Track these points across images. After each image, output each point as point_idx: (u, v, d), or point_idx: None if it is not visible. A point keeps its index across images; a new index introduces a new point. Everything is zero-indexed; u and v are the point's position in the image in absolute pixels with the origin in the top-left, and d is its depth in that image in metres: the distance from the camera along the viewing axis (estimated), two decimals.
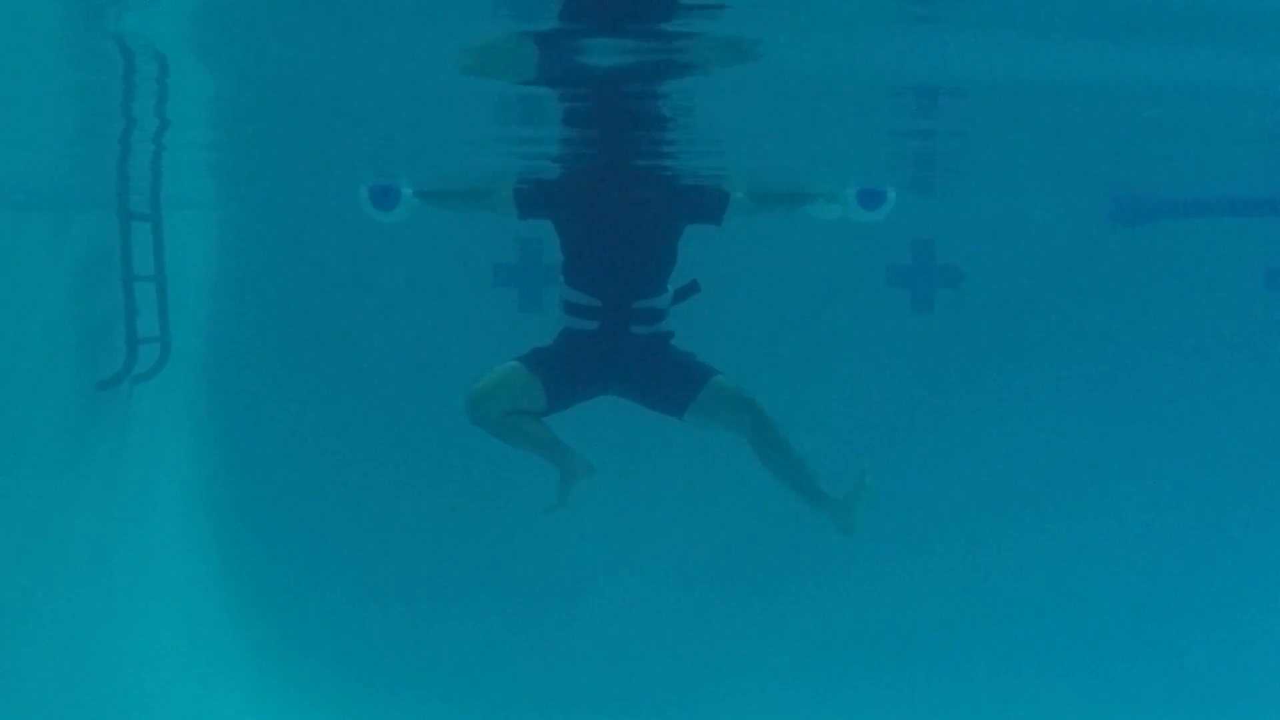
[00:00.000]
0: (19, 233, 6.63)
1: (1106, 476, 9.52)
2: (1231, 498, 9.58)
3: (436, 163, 7.18)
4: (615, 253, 6.59)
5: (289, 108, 5.60)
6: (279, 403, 9.21)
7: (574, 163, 6.78)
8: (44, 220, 7.10)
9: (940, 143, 6.85)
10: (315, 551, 9.23)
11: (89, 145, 6.50)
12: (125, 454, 7.87)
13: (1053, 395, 9.51)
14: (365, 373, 9.21)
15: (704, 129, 5.95)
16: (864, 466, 6.65)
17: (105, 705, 7.45)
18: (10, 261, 6.47)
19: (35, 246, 6.78)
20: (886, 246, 8.88)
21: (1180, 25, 4.14)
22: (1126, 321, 9.45)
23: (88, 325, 7.35)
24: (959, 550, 9.50)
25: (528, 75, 4.69)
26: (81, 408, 7.29)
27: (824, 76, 4.77)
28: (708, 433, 6.76)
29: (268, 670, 9.10)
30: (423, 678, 9.28)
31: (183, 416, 8.85)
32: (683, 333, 6.86)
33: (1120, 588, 9.53)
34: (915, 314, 9.16)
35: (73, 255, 7.25)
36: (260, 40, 4.35)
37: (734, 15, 3.87)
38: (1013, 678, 9.36)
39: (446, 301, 8.96)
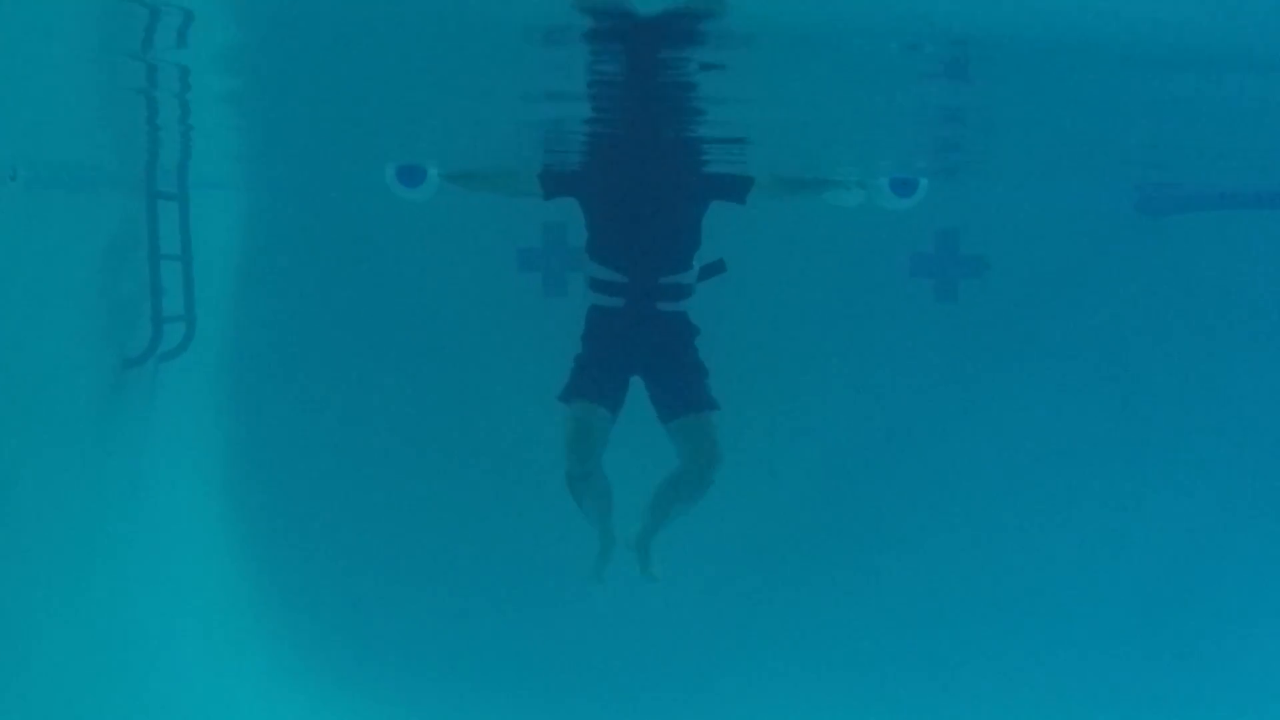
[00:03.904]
0: (46, 211, 6.65)
1: (1131, 467, 9.50)
2: (1260, 490, 9.54)
3: (463, 143, 7.19)
4: (641, 228, 6.62)
5: (314, 87, 5.62)
6: (302, 382, 9.24)
7: (599, 134, 6.77)
8: (71, 199, 7.13)
9: (967, 128, 6.82)
10: (336, 531, 9.26)
11: (116, 123, 6.53)
12: (149, 431, 7.91)
13: (1076, 386, 9.49)
14: (389, 355, 9.24)
15: (732, 107, 5.93)
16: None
17: (122, 681, 7.50)
18: (37, 240, 6.49)
19: (62, 225, 6.80)
20: (911, 235, 8.87)
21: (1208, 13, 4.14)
22: (1151, 313, 9.42)
23: (114, 303, 7.39)
24: (978, 541, 9.49)
25: None
26: (107, 385, 7.33)
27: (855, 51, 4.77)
28: (687, 449, 6.83)
29: (289, 648, 9.14)
30: (441, 660, 9.31)
31: (207, 395, 8.89)
32: (708, 318, 6.88)
33: (1144, 576, 9.51)
34: (938, 303, 9.13)
35: (99, 234, 7.27)
36: (288, 21, 4.37)
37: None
38: (1044, 673, 9.35)
39: (470, 285, 8.97)
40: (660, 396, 6.82)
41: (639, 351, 6.74)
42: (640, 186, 6.65)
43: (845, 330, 9.26)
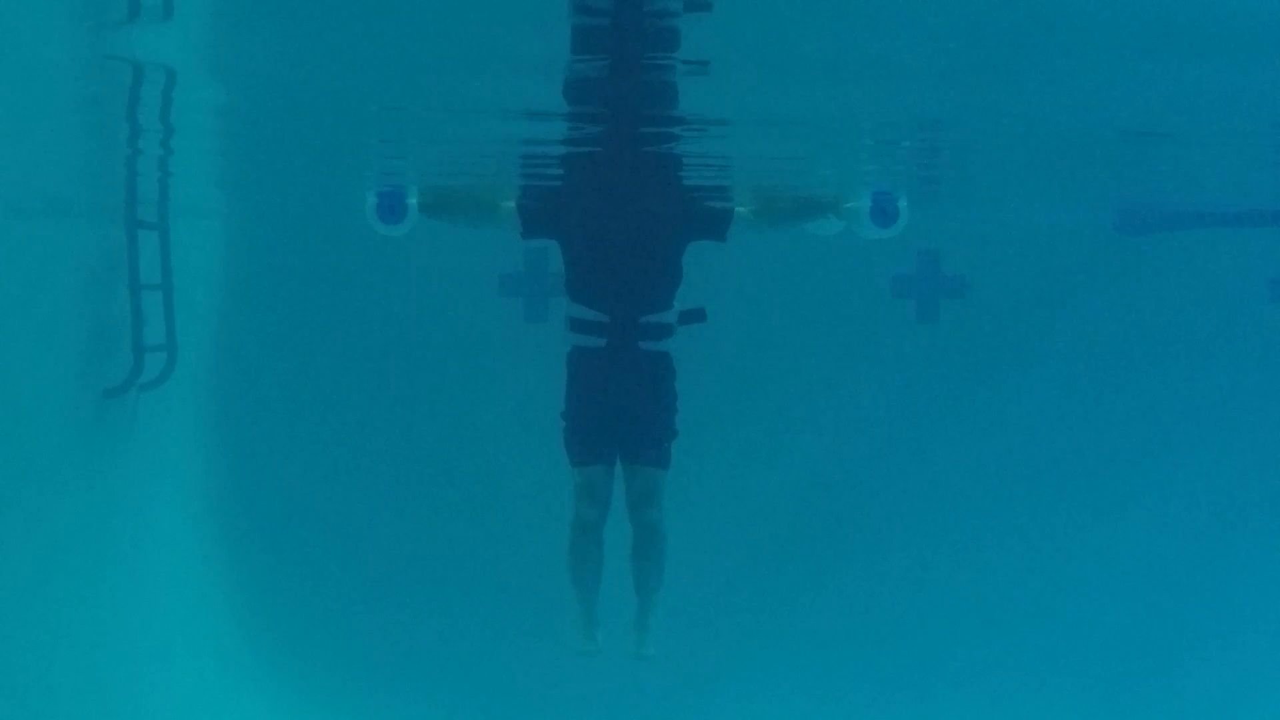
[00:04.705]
0: (27, 240, 6.63)
1: (1112, 484, 9.54)
2: (1235, 504, 9.59)
3: (443, 168, 7.18)
4: (621, 268, 6.61)
5: (296, 116, 5.62)
6: (284, 410, 9.22)
7: (578, 166, 6.76)
8: (52, 227, 7.11)
9: (946, 152, 6.85)
10: (320, 557, 9.23)
11: (98, 154, 6.52)
12: (131, 461, 7.86)
13: (1058, 405, 9.53)
14: (371, 381, 9.22)
15: (711, 125, 5.94)
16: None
17: (110, 706, 7.45)
18: (18, 268, 6.47)
19: (43, 254, 6.77)
20: (892, 257, 8.87)
21: (1184, 36, 4.17)
22: (1131, 331, 9.47)
23: (94, 333, 7.35)
24: (965, 558, 9.51)
25: None
26: (88, 415, 7.29)
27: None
28: (629, 488, 6.88)
29: (273, 675, 9.10)
30: (424, 680, 9.29)
31: (188, 424, 8.85)
32: (694, 344, 6.88)
33: (1127, 593, 9.55)
34: (920, 324, 9.15)
35: (80, 263, 7.24)
36: (269, 51, 4.37)
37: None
38: (1023, 685, 9.38)
39: (452, 311, 8.96)
40: (629, 434, 6.83)
41: (622, 392, 6.74)
42: (620, 225, 6.64)
43: (828, 352, 9.27)
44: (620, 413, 6.72)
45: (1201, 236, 9.26)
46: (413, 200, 7.00)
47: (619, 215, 6.64)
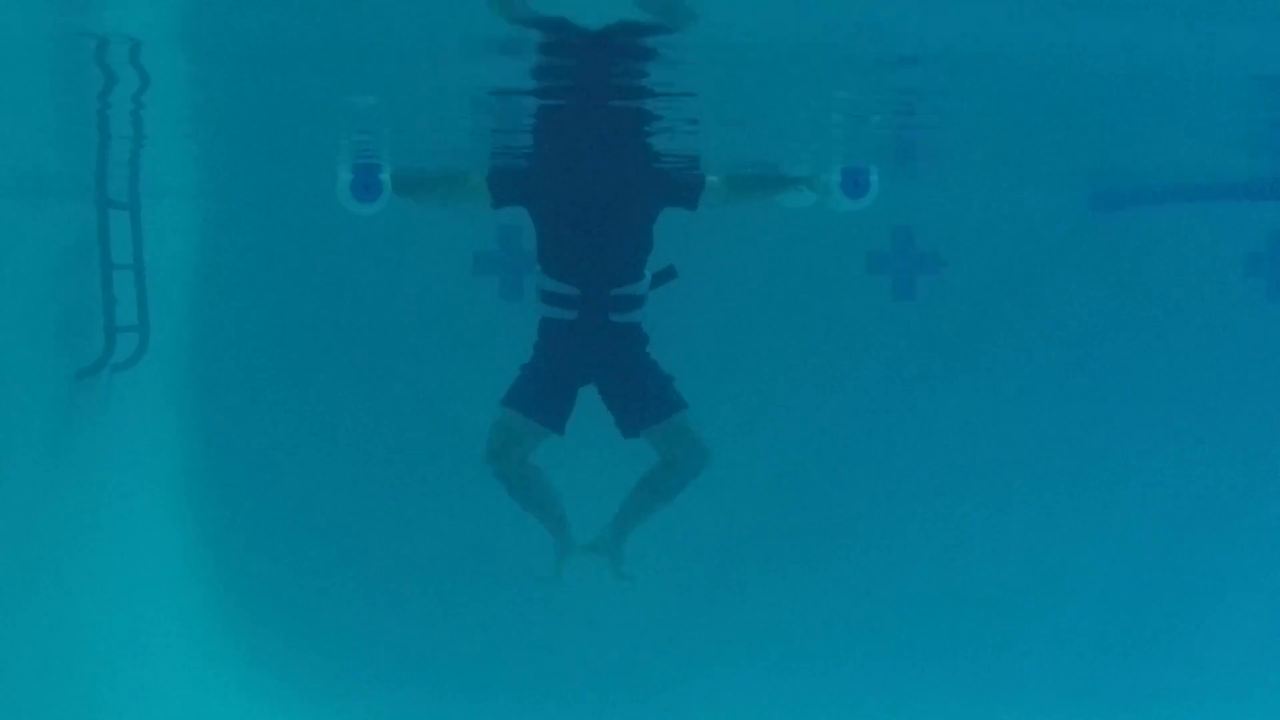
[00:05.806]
0: None
1: (1087, 463, 9.56)
2: (1212, 482, 9.62)
3: (413, 146, 7.14)
4: (592, 240, 6.62)
5: (268, 93, 5.58)
6: (258, 392, 9.17)
7: (547, 139, 6.73)
8: (21, 207, 7.06)
9: (920, 126, 6.83)
10: (296, 541, 9.21)
11: (66, 131, 6.46)
12: (103, 443, 7.83)
13: (1034, 382, 9.54)
14: (345, 362, 9.19)
15: (681, 104, 5.91)
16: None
17: (83, 696, 7.43)
18: None
19: (12, 234, 6.73)
20: (867, 233, 8.90)
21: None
22: (1106, 308, 9.49)
23: (65, 314, 7.32)
24: (940, 538, 9.53)
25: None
26: (59, 397, 7.26)
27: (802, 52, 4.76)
28: (654, 450, 6.88)
29: (250, 659, 9.08)
30: (405, 664, 9.28)
31: (161, 406, 8.81)
32: (665, 324, 6.88)
33: (1101, 575, 9.58)
34: (896, 301, 9.17)
35: (50, 243, 7.20)
36: (239, 25, 4.33)
37: None
38: (994, 667, 9.41)
39: (427, 290, 8.95)
40: (623, 410, 6.82)
41: (593, 364, 6.75)
42: (589, 197, 6.63)
43: (803, 330, 9.29)
44: (588, 381, 6.72)
45: (1177, 212, 9.28)
46: (386, 176, 6.97)
47: (589, 182, 6.63)
